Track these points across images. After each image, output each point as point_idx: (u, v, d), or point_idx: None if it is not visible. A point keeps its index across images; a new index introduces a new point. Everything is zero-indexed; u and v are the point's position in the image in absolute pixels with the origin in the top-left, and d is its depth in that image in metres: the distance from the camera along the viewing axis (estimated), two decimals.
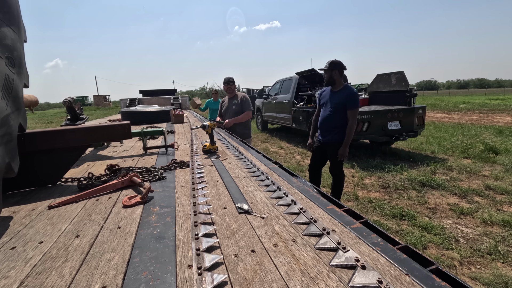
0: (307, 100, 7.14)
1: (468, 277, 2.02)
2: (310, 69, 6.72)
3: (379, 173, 4.45)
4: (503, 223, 2.71)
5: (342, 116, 2.71)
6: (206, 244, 0.75)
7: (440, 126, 9.11)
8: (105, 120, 5.08)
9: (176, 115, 4.57)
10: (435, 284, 0.56)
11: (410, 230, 2.67)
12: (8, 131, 1.02)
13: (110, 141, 2.64)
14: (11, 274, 0.68)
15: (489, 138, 6.43)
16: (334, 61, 2.71)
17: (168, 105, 7.16)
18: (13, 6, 1.14)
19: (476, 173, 4.26)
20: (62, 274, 0.67)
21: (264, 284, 0.60)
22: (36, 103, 25.26)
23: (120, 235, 0.86)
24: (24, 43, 1.25)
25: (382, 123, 5.31)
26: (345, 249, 0.70)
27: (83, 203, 1.16)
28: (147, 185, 1.20)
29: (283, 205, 1.03)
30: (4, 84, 1.00)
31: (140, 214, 1.01)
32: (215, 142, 2.05)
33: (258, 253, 0.72)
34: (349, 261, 0.65)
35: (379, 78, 6.50)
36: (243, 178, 1.40)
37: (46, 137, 1.41)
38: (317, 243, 0.75)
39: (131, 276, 0.65)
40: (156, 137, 3.10)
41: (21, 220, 1.01)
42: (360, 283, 0.58)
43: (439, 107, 17.05)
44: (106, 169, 1.59)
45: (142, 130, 2.24)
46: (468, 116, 12.19)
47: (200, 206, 1.03)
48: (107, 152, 2.33)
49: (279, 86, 8.64)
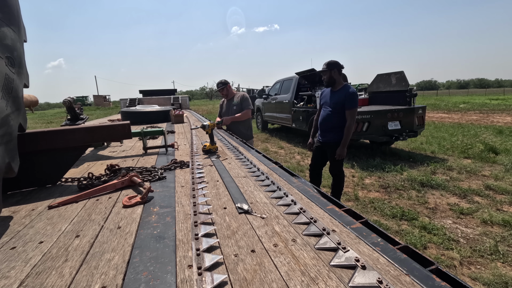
0: (307, 100, 7.14)
1: (468, 277, 2.02)
2: (310, 69, 6.72)
3: (379, 173, 4.45)
4: (503, 223, 2.71)
5: (341, 115, 2.71)
6: (206, 244, 0.75)
7: (440, 126, 9.11)
8: (105, 120, 5.08)
9: (176, 115, 4.56)
10: (435, 284, 0.56)
11: (410, 230, 2.67)
12: (8, 131, 1.02)
13: (110, 141, 2.64)
14: (11, 274, 0.68)
15: (489, 138, 6.43)
16: (331, 61, 2.75)
17: (168, 105, 7.15)
18: (13, 6, 1.14)
19: (476, 173, 4.26)
20: (62, 274, 0.67)
21: (264, 284, 0.60)
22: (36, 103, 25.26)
23: (120, 235, 0.86)
24: (24, 43, 1.25)
25: (382, 123, 5.31)
26: (345, 249, 0.70)
27: (83, 203, 1.16)
28: (147, 185, 1.20)
29: (283, 205, 1.03)
30: (4, 84, 1.00)
31: (140, 214, 1.01)
32: (215, 142, 2.05)
33: (258, 253, 0.72)
34: (349, 261, 0.65)
35: (379, 78, 6.50)
36: (243, 178, 1.40)
37: (46, 137, 1.41)
38: (317, 243, 0.75)
39: (131, 276, 0.65)
40: (156, 137, 3.10)
41: (21, 220, 1.01)
42: (360, 283, 0.58)
43: (439, 107, 17.05)
44: (106, 169, 1.59)
45: (142, 130, 2.24)
46: (468, 116, 12.19)
47: (200, 206, 1.03)
48: (107, 152, 2.33)
49: (279, 86, 8.63)
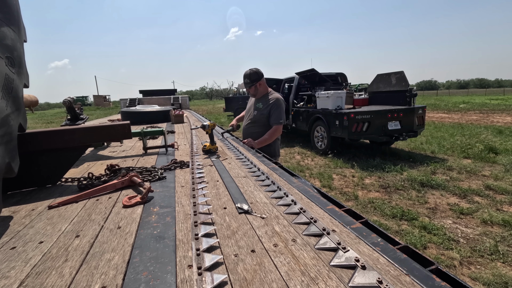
0: (307, 100, 7.14)
1: (468, 277, 2.03)
2: (310, 69, 6.73)
3: (379, 173, 4.45)
4: (503, 223, 2.71)
5: None
6: (206, 244, 0.75)
7: (440, 126, 9.11)
8: (105, 120, 5.08)
9: (176, 115, 4.56)
10: (435, 284, 0.56)
11: (410, 230, 2.67)
12: (8, 131, 1.02)
13: (110, 141, 2.64)
14: (11, 274, 0.68)
15: (489, 138, 6.43)
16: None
17: (168, 105, 7.15)
18: (13, 6, 1.14)
19: (476, 173, 4.26)
20: (62, 274, 0.67)
21: (264, 284, 0.60)
22: (36, 103, 25.26)
23: (120, 235, 0.86)
24: (24, 43, 1.25)
25: (382, 123, 5.31)
26: (345, 249, 0.70)
27: (83, 203, 1.16)
28: (147, 185, 1.20)
29: (284, 205, 1.03)
30: (4, 84, 1.00)
31: (140, 214, 1.01)
32: (215, 142, 2.05)
33: (258, 253, 0.72)
34: (349, 261, 0.65)
35: (379, 78, 6.50)
36: (243, 178, 1.40)
37: (46, 137, 1.41)
38: (317, 243, 0.75)
39: (131, 276, 0.65)
40: (156, 137, 3.10)
41: (21, 220, 1.01)
42: (360, 283, 0.58)
43: (439, 107, 17.05)
44: (106, 169, 1.59)
45: (142, 130, 2.24)
46: (468, 116, 12.19)
47: (200, 206, 1.03)
48: (107, 152, 2.33)
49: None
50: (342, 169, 4.87)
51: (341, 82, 8.16)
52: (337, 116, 5.44)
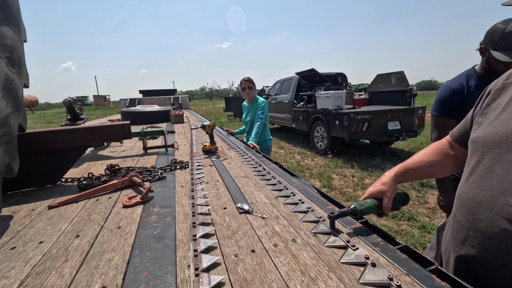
0: (307, 100, 7.14)
1: None
2: (310, 69, 6.73)
3: (379, 173, 4.45)
4: None
5: None
6: (204, 245, 0.75)
7: None
8: (105, 120, 5.08)
9: (176, 115, 4.57)
10: (435, 284, 0.56)
11: (410, 230, 2.67)
12: (8, 131, 1.02)
13: (110, 141, 2.64)
14: (11, 274, 0.68)
15: None
16: None
17: (168, 105, 7.15)
18: (13, 6, 1.14)
19: None
20: (62, 274, 0.67)
21: (264, 284, 0.60)
22: (36, 103, 25.24)
23: (120, 235, 0.86)
24: (24, 43, 1.25)
25: (382, 123, 5.31)
26: (354, 247, 0.71)
27: (83, 203, 1.16)
28: (147, 185, 1.20)
29: (291, 204, 1.04)
30: (4, 84, 1.00)
31: (140, 214, 1.01)
32: (215, 142, 2.05)
33: (258, 253, 0.72)
34: (359, 259, 0.66)
35: (379, 78, 6.50)
36: (243, 178, 1.40)
37: (46, 137, 1.41)
38: (326, 241, 0.77)
39: (131, 276, 0.65)
40: (156, 137, 3.10)
41: (21, 220, 1.01)
42: (371, 280, 0.59)
43: None
44: (106, 169, 1.59)
45: (142, 130, 2.24)
46: None
47: (200, 206, 1.03)
48: (107, 152, 2.33)
49: (279, 86, 8.64)
50: (342, 169, 4.87)
51: (341, 82, 8.17)
52: (337, 116, 5.44)
